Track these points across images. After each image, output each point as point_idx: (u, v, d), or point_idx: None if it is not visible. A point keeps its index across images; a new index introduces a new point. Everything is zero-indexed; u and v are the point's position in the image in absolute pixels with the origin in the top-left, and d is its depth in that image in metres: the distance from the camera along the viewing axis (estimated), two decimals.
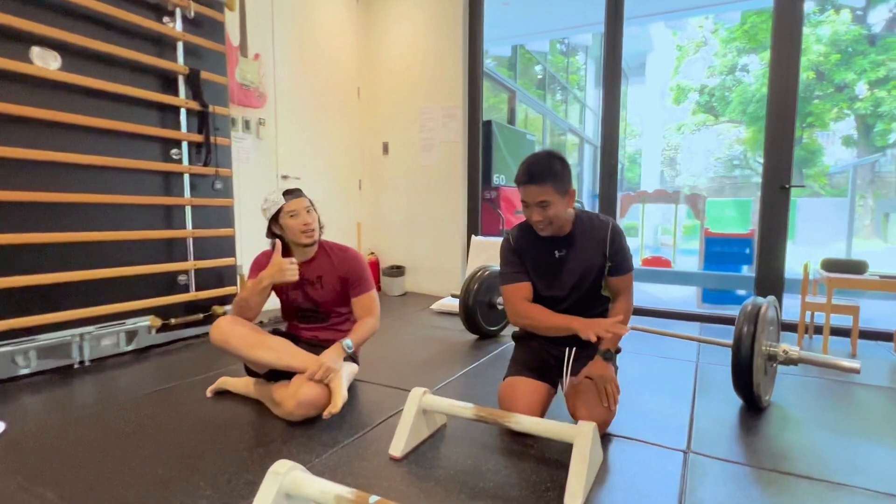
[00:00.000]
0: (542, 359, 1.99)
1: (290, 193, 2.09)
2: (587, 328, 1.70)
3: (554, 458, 1.69)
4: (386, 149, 4.96)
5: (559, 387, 1.98)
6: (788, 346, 2.13)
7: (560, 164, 1.79)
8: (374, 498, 1.11)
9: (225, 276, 3.31)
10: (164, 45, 2.89)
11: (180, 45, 2.95)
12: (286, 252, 2.15)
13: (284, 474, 1.19)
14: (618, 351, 2.04)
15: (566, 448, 1.66)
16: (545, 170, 1.76)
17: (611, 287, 1.95)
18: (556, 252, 1.91)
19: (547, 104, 9.83)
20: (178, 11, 2.91)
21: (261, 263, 2.17)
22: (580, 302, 1.94)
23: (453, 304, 4.00)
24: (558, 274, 1.91)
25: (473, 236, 4.59)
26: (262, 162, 3.87)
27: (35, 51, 2.36)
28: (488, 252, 4.38)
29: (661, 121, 18.83)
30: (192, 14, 2.97)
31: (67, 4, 2.45)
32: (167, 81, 2.93)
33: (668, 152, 21.16)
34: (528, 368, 1.94)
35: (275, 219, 2.09)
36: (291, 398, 1.87)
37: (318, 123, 4.42)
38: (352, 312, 2.24)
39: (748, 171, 20.14)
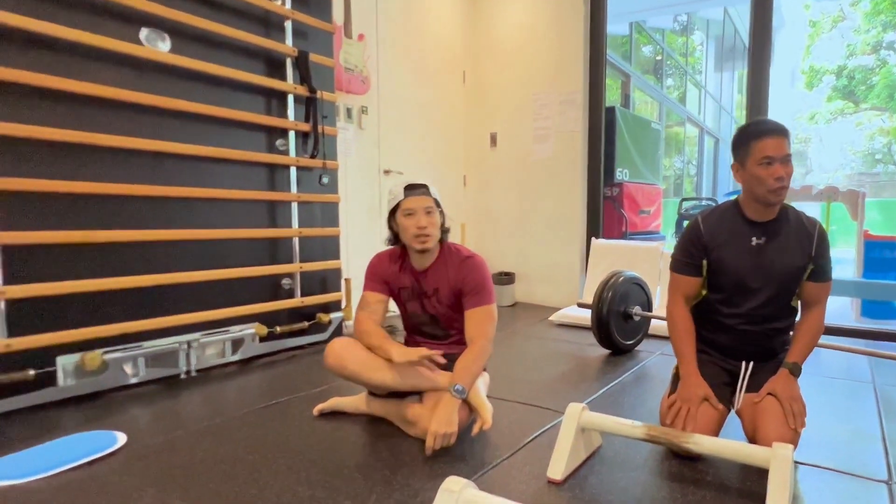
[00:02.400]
0: (713, 373, 1.87)
1: (411, 188, 1.93)
2: (685, 398, 1.74)
3: (735, 485, 1.58)
4: (494, 140, 4.77)
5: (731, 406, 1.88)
6: None
7: None
8: None
9: (329, 280, 3.24)
10: (271, 25, 2.86)
11: (288, 25, 2.90)
12: (403, 254, 2.04)
13: (459, 492, 1.15)
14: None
15: (748, 475, 1.62)
16: (784, 126, 1.74)
17: (806, 294, 1.84)
18: (755, 239, 1.80)
19: (662, 90, 9.34)
20: None
21: (376, 270, 2.06)
22: (771, 302, 1.82)
23: (578, 314, 3.81)
24: (753, 263, 1.81)
25: (594, 239, 4.34)
26: (364, 154, 3.80)
27: (144, 32, 2.38)
28: (611, 257, 4.12)
29: (790, 109, 17.62)
30: None
31: None
32: (274, 65, 2.89)
33: (797, 145, 19.72)
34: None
35: (393, 213, 1.97)
36: (428, 421, 1.76)
37: (420, 112, 4.31)
38: None
39: (893, 167, 18.42)
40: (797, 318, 1.90)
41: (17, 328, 2.05)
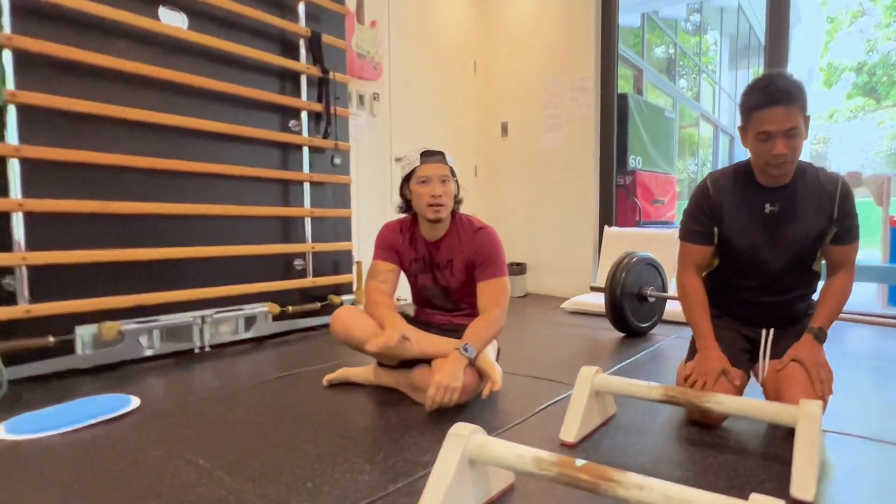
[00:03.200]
0: (731, 339, 1.79)
1: (428, 155, 1.95)
2: (702, 371, 1.66)
3: (759, 450, 1.55)
4: (505, 130, 4.82)
5: (752, 375, 1.83)
6: None
7: (801, 84, 1.57)
8: (580, 461, 1.03)
9: (341, 262, 3.30)
10: (284, 7, 2.96)
11: (301, 7, 3.00)
12: (414, 224, 2.06)
13: (468, 437, 1.12)
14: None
15: (773, 440, 1.61)
16: (793, 88, 1.54)
17: (830, 258, 1.74)
18: (768, 206, 1.68)
19: (675, 87, 9.37)
20: None
21: (386, 238, 2.08)
22: (789, 272, 1.74)
23: (591, 301, 3.82)
24: (767, 234, 1.70)
25: (607, 227, 4.36)
26: (376, 142, 3.87)
27: (163, 11, 2.47)
28: (624, 245, 4.11)
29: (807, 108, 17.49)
30: None
31: None
32: (287, 46, 2.99)
33: (815, 146, 19.55)
34: (725, 354, 1.73)
35: (407, 180, 1.98)
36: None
37: (431, 101, 4.37)
38: None
39: None
40: (817, 280, 1.82)
41: (38, 295, 2.13)
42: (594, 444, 1.57)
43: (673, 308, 3.37)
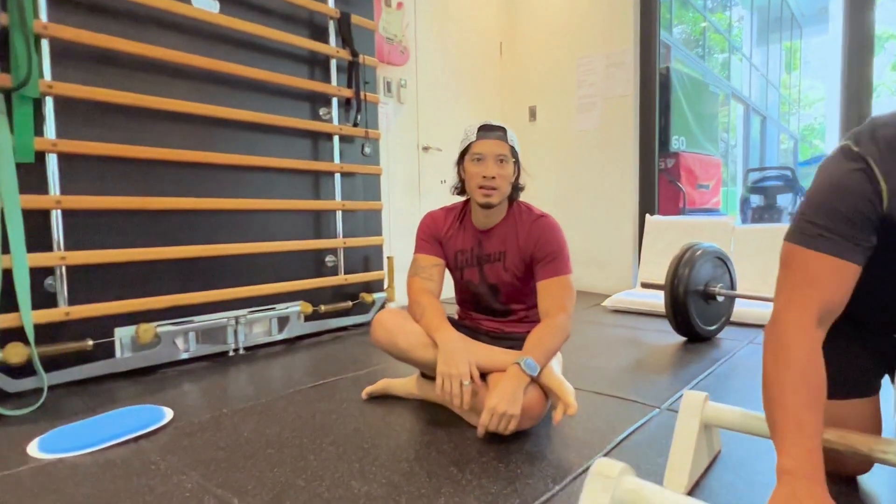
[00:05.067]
0: (853, 356, 1.35)
1: (486, 129, 1.81)
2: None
3: None
4: (533, 114, 4.84)
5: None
6: None
7: None
8: None
9: (371, 258, 3.34)
10: None
11: None
12: (465, 210, 1.96)
13: (617, 479, 0.93)
14: None
15: None
16: None
17: None
18: None
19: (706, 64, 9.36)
20: None
21: (429, 229, 1.98)
22: None
23: (636, 299, 3.74)
24: None
25: (648, 216, 4.30)
26: (403, 130, 3.90)
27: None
28: (669, 236, 4.04)
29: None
30: None
31: None
32: (317, 30, 3.03)
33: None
34: (842, 381, 1.31)
35: (463, 157, 1.87)
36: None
37: (456, 86, 4.40)
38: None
39: None
40: None
41: (76, 297, 2.19)
42: (711, 495, 1.33)
43: (744, 308, 3.20)
